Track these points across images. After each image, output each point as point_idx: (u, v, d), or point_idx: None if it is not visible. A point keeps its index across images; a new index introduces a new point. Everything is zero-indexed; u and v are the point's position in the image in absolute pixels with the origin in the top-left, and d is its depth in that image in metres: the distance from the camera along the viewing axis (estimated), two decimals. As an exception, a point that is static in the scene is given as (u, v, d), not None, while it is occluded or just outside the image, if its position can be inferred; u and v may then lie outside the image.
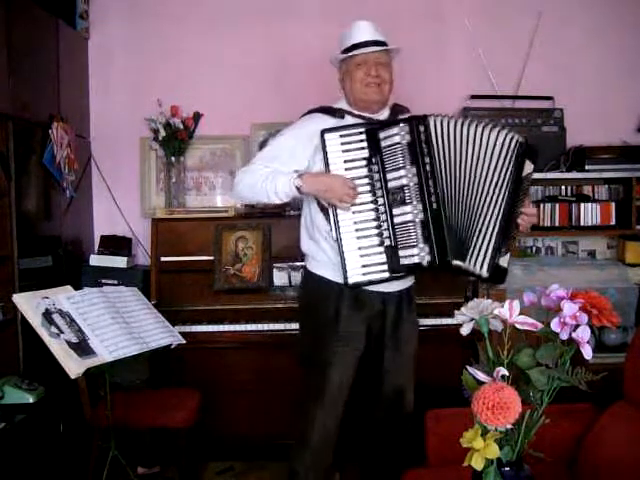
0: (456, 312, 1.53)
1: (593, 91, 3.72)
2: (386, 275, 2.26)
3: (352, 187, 2.25)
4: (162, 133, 3.59)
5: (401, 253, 2.24)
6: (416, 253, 2.22)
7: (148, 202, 3.75)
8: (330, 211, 2.29)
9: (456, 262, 2.22)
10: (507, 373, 1.40)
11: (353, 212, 2.27)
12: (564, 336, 1.40)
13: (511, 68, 3.71)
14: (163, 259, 3.37)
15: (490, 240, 2.18)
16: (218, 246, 3.34)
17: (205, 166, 3.76)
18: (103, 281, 3.32)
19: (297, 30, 3.68)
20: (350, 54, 2.37)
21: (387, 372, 2.43)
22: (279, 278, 3.35)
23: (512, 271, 3.26)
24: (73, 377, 2.24)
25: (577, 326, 1.40)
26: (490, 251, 2.18)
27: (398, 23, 3.72)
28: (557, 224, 3.50)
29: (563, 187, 3.60)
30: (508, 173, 2.16)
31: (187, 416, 2.86)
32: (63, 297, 2.44)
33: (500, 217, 2.18)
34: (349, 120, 2.37)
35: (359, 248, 2.26)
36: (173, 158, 3.65)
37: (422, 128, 2.22)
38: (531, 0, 3.72)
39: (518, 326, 1.43)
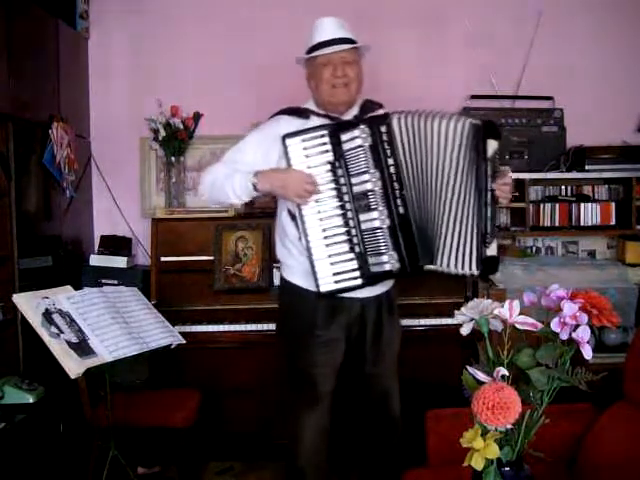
0: (456, 312, 1.52)
1: (593, 91, 3.72)
2: (359, 282, 2.21)
3: (311, 182, 2.17)
4: (162, 133, 3.59)
5: (371, 260, 2.18)
6: (386, 260, 2.17)
7: (148, 202, 3.75)
8: (298, 218, 2.23)
9: (429, 267, 2.18)
10: (507, 373, 1.40)
11: (321, 219, 2.20)
12: (564, 336, 1.40)
13: (511, 68, 3.71)
14: (163, 259, 3.37)
15: (472, 236, 2.12)
16: (218, 246, 3.35)
17: (205, 166, 3.74)
18: (103, 281, 3.32)
19: (298, 29, 3.67)
20: (314, 54, 2.29)
21: (370, 377, 2.40)
22: (279, 278, 3.34)
23: (512, 271, 3.27)
24: (73, 377, 2.24)
25: (577, 326, 1.40)
26: (475, 247, 2.12)
27: (398, 23, 3.73)
28: (557, 224, 3.50)
29: (563, 187, 3.60)
30: (471, 161, 2.09)
31: (187, 416, 2.86)
32: (63, 297, 2.44)
33: (474, 209, 2.10)
34: (314, 120, 2.30)
35: (329, 256, 2.20)
36: (173, 158, 3.65)
37: (384, 128, 2.14)
38: (531, 0, 3.73)
39: (518, 326, 1.43)
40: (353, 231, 2.19)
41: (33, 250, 2.98)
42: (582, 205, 3.50)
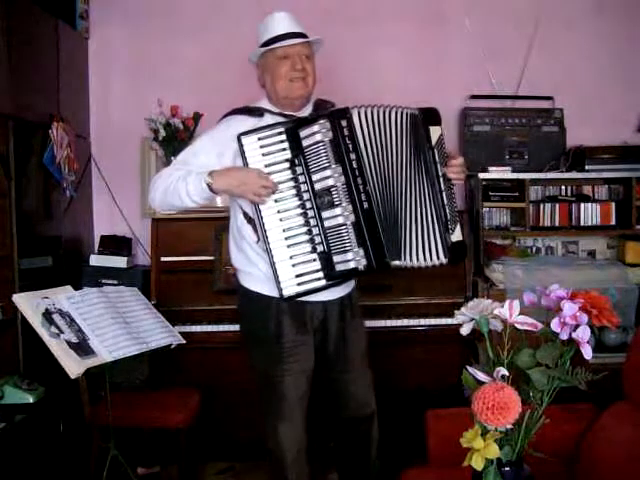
0: (456, 312, 1.52)
1: (593, 91, 3.72)
2: (323, 283, 2.13)
3: (268, 179, 2.11)
4: (162, 133, 3.58)
5: (335, 259, 2.10)
6: (351, 258, 2.09)
7: (148, 202, 3.74)
8: (256, 219, 2.15)
9: (395, 262, 2.13)
10: (507, 373, 1.40)
11: (280, 219, 2.13)
12: (564, 336, 1.40)
13: (511, 68, 3.71)
14: (163, 259, 3.37)
15: (433, 225, 2.13)
16: (218, 246, 3.34)
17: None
18: (103, 281, 3.32)
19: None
20: (271, 47, 2.22)
21: (338, 382, 2.37)
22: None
23: (512, 271, 3.27)
24: (73, 377, 2.24)
25: (577, 326, 1.40)
26: (438, 236, 2.13)
27: (398, 24, 3.74)
28: (557, 224, 3.50)
29: (563, 187, 3.60)
30: (417, 150, 2.12)
31: (187, 416, 2.86)
32: (63, 297, 2.44)
33: (430, 198, 2.13)
34: (268, 119, 2.23)
35: (290, 257, 2.12)
36: (173, 158, 3.64)
37: (344, 122, 2.08)
38: (531, 0, 3.73)
39: (518, 326, 1.43)
40: (315, 230, 2.12)
41: (33, 250, 2.98)
42: (582, 205, 3.50)
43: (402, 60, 3.74)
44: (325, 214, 2.11)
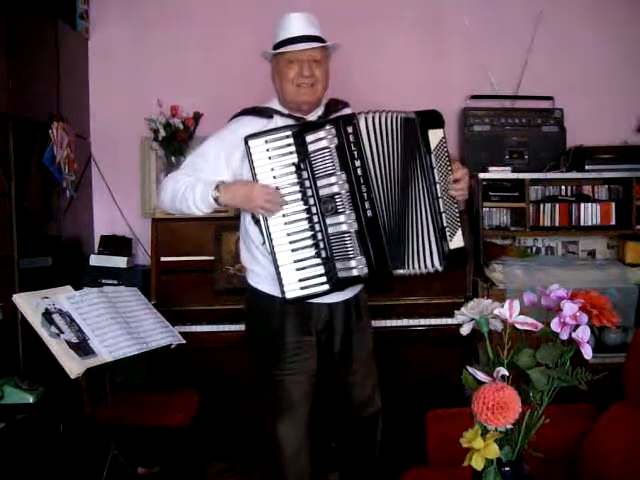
0: (456, 312, 1.52)
1: (593, 91, 3.72)
2: (326, 287, 2.13)
3: (272, 192, 2.10)
4: (162, 133, 3.58)
5: (338, 265, 2.10)
6: (354, 266, 2.09)
7: (148, 202, 3.75)
8: (262, 222, 2.15)
9: (397, 271, 2.13)
10: (507, 373, 1.40)
11: (285, 223, 2.12)
12: (564, 336, 1.40)
13: (511, 68, 3.72)
14: (163, 259, 3.37)
15: (429, 232, 2.13)
16: (218, 246, 3.34)
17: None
18: (103, 281, 3.32)
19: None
20: (281, 50, 2.22)
21: (342, 383, 2.36)
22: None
23: (512, 271, 3.28)
24: (73, 377, 2.24)
25: (577, 326, 1.40)
26: (434, 243, 2.13)
27: (398, 23, 3.74)
28: (557, 224, 3.50)
29: (563, 187, 3.60)
30: (413, 156, 2.11)
31: (187, 416, 2.86)
32: (63, 297, 2.44)
33: (427, 204, 2.12)
34: (278, 120, 2.24)
35: (295, 261, 2.12)
36: (173, 158, 3.64)
37: (350, 129, 2.07)
38: (531, 0, 3.73)
39: (518, 326, 1.43)
40: (319, 235, 2.12)
41: (33, 250, 2.98)
42: (582, 205, 3.50)
43: (402, 60, 3.74)
44: (329, 221, 2.11)
